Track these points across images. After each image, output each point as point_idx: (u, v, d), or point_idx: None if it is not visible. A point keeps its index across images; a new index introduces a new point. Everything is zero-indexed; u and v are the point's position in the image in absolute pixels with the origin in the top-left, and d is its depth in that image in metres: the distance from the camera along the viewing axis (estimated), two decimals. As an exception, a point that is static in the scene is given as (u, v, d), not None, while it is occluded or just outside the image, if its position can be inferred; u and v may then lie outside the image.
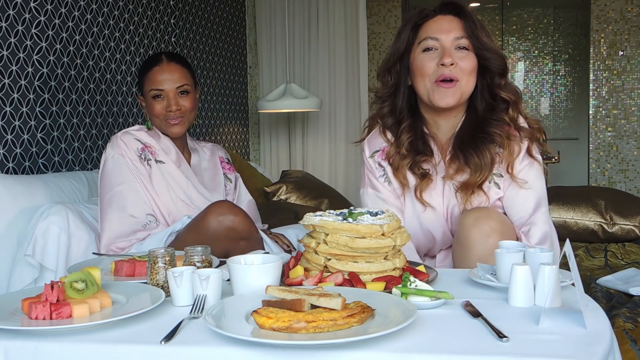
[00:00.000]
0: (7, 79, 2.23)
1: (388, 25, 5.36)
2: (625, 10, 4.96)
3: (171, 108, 2.10)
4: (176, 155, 2.17)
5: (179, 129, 2.13)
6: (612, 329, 1.14)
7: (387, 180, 1.90)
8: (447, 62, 1.75)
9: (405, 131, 1.87)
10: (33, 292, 1.30)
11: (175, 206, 2.07)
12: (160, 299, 1.23)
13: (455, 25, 1.79)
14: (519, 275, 1.22)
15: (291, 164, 4.58)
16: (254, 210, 2.36)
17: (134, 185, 2.03)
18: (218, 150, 2.39)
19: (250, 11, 4.46)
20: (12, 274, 1.98)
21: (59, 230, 1.98)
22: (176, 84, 2.11)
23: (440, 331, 1.09)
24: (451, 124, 1.87)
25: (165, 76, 2.11)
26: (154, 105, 2.12)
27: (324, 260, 1.37)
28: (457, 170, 1.79)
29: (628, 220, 3.22)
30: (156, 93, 2.12)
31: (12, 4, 2.25)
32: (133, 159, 2.06)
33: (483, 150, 1.77)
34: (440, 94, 1.77)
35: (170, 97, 2.11)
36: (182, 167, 2.16)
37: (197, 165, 2.26)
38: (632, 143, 5.03)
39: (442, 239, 1.86)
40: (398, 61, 1.86)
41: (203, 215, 1.89)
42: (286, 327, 1.04)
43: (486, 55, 1.79)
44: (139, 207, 2.01)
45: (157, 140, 2.15)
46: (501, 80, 1.82)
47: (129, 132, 2.13)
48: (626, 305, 2.09)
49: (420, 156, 1.84)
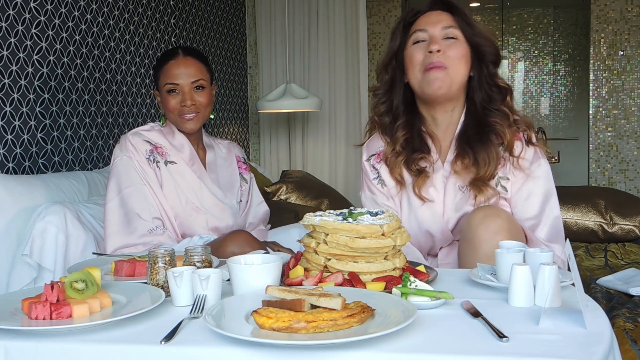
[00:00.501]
0: (7, 79, 2.23)
1: (388, 25, 5.35)
2: (625, 10, 4.96)
3: (186, 103, 2.05)
4: (190, 153, 2.12)
5: (193, 125, 2.08)
6: (612, 329, 1.15)
7: (380, 182, 1.91)
8: (434, 48, 1.77)
9: (401, 128, 1.87)
10: (33, 292, 1.30)
11: (183, 210, 2.03)
12: (160, 299, 1.23)
13: (444, 18, 1.83)
14: (519, 275, 1.22)
15: (291, 164, 4.58)
16: (265, 219, 2.33)
17: (141, 189, 1.99)
18: (234, 148, 2.34)
19: (250, 11, 4.46)
20: (11, 274, 1.98)
21: (57, 230, 1.97)
22: (191, 79, 2.06)
23: (440, 331, 1.09)
24: (449, 120, 1.87)
25: (181, 70, 2.06)
26: (168, 100, 2.07)
27: (324, 260, 1.37)
28: (465, 167, 1.79)
29: (628, 220, 3.22)
30: (171, 87, 2.06)
31: (12, 4, 2.25)
32: (141, 162, 2.02)
33: (488, 144, 1.78)
34: (429, 79, 1.78)
35: (185, 91, 2.06)
36: (195, 166, 2.11)
37: (212, 162, 2.20)
38: (632, 143, 5.03)
39: (441, 237, 1.86)
40: (393, 58, 1.89)
41: (220, 243, 1.86)
42: (286, 327, 1.04)
43: (479, 41, 1.81)
44: (145, 210, 1.97)
45: (170, 137, 2.11)
46: (495, 69, 1.85)
47: (138, 133, 2.08)
48: (626, 306, 2.09)
49: (417, 154, 1.84)
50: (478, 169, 1.77)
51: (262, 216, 2.32)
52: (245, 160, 2.34)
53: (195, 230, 2.05)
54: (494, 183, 1.80)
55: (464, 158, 1.80)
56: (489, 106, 1.83)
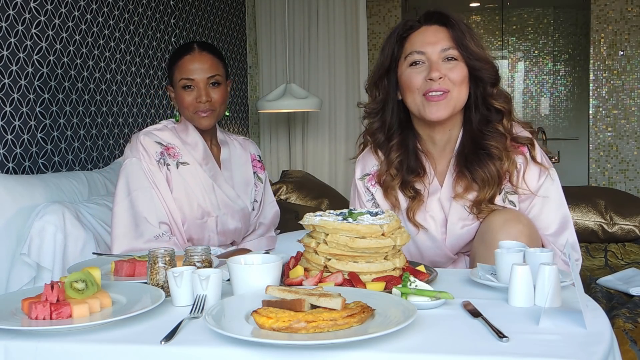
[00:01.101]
0: (7, 79, 2.23)
1: (388, 25, 5.35)
2: (625, 10, 4.96)
3: (201, 99, 2.00)
4: (203, 151, 2.08)
5: (207, 122, 2.04)
6: (612, 329, 1.15)
7: (374, 205, 1.84)
8: (435, 76, 1.66)
9: (395, 149, 1.79)
10: (33, 292, 1.30)
11: (192, 214, 2.00)
12: (160, 299, 1.23)
13: (442, 36, 1.70)
14: (519, 275, 1.22)
15: (291, 164, 4.59)
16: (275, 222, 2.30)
17: (148, 192, 1.96)
18: (250, 145, 2.27)
19: (250, 11, 4.46)
20: (11, 273, 1.98)
21: (55, 229, 1.97)
22: (207, 74, 2.02)
23: (440, 331, 1.09)
24: (447, 138, 1.78)
25: (197, 66, 2.01)
26: (183, 96, 2.02)
27: (324, 260, 1.37)
28: (465, 189, 1.72)
29: (628, 220, 3.22)
30: (186, 83, 2.01)
31: (12, 4, 2.25)
32: (150, 164, 1.98)
33: (487, 164, 1.70)
34: (432, 107, 1.68)
35: (200, 87, 2.01)
36: (209, 165, 2.07)
37: (226, 160, 2.16)
38: (632, 143, 5.03)
39: (444, 260, 1.79)
40: (384, 76, 1.79)
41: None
42: (286, 327, 1.04)
43: (477, 65, 1.70)
44: (152, 214, 1.94)
45: (184, 134, 2.07)
46: (493, 89, 1.74)
47: (150, 133, 2.04)
48: (626, 306, 2.09)
49: (412, 175, 1.77)
50: (477, 191, 1.71)
51: (272, 217, 2.28)
52: (260, 159, 2.28)
53: (203, 234, 2.04)
54: (500, 199, 1.73)
55: (461, 180, 1.73)
56: (485, 128, 1.74)
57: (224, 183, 2.09)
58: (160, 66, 3.22)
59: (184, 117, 2.08)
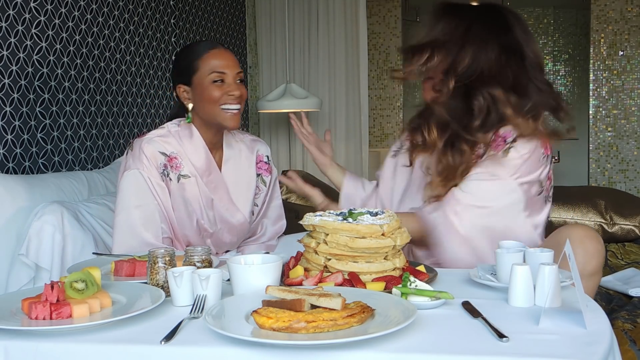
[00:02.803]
0: (7, 79, 2.23)
1: (388, 25, 5.35)
2: (625, 10, 4.95)
3: (234, 93, 1.91)
4: (206, 160, 1.98)
5: (235, 121, 1.93)
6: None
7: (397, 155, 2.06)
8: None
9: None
10: (33, 292, 1.31)
11: (192, 229, 1.96)
12: (160, 299, 1.23)
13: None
14: (519, 275, 1.22)
15: (291, 164, 4.58)
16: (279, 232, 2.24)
17: (151, 208, 1.89)
18: (258, 145, 2.15)
19: (250, 11, 4.46)
20: (10, 274, 1.98)
21: (53, 229, 1.95)
22: (236, 70, 1.95)
23: (440, 331, 1.09)
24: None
25: (227, 60, 1.94)
26: (212, 91, 1.91)
27: (324, 260, 1.37)
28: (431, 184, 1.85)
29: (628, 220, 3.22)
30: (218, 77, 1.91)
31: (12, 4, 2.25)
32: (154, 176, 1.90)
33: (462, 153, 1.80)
34: None
35: (231, 81, 1.93)
36: (211, 177, 1.98)
37: (229, 169, 2.05)
38: (632, 143, 5.03)
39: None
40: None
41: None
42: (286, 327, 1.04)
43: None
44: (153, 231, 1.89)
45: (187, 140, 1.97)
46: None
47: (153, 141, 1.93)
48: (625, 307, 2.09)
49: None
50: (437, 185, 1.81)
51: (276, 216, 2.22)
52: (268, 159, 2.16)
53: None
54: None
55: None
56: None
57: (225, 195, 2.02)
58: (160, 66, 3.22)
59: (206, 114, 1.95)
